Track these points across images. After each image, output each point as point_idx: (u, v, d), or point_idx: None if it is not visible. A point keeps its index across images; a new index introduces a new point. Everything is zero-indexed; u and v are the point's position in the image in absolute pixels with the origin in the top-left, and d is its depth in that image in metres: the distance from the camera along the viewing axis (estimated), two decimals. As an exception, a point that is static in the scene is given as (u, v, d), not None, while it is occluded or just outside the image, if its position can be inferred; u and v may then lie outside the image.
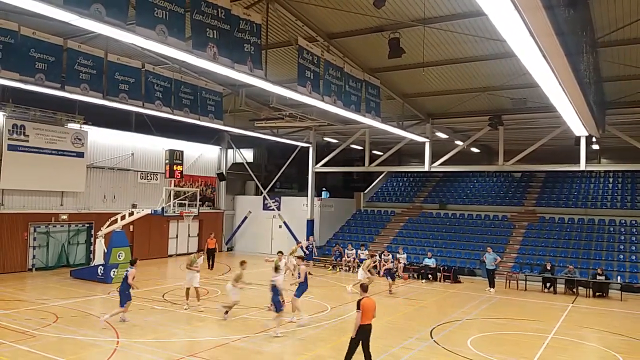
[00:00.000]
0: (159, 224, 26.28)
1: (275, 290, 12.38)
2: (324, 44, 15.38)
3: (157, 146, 26.74)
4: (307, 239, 25.89)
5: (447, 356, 11.07)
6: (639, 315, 16.25)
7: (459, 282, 21.85)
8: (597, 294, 19.21)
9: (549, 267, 20.46)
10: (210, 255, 23.80)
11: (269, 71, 13.22)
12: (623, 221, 24.92)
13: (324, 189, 36.16)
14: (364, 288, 9.64)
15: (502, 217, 27.77)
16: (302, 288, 13.90)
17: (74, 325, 12.59)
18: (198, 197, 23.22)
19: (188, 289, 15.25)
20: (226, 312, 13.68)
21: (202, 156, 30.21)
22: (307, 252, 23.80)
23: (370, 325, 9.28)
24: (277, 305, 12.29)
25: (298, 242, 22.64)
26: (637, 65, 15.62)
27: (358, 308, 9.13)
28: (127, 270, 13.01)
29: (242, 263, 13.99)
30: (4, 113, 19.98)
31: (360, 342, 9.23)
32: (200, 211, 23.79)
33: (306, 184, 29.22)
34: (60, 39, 13.28)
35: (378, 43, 15.59)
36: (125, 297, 12.76)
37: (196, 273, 15.21)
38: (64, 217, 22.39)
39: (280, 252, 16.48)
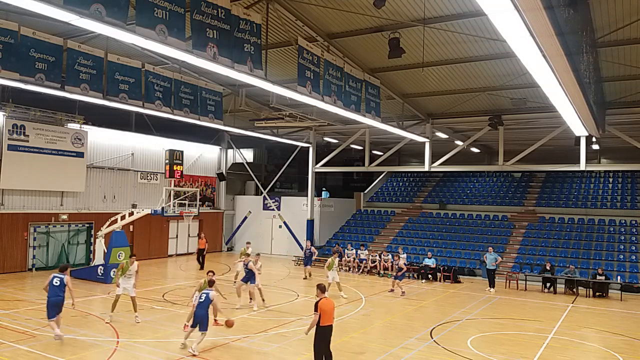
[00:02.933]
0: (159, 224, 26.30)
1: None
2: (324, 44, 15.38)
3: (157, 146, 26.74)
4: (306, 244, 24.80)
5: (447, 356, 11.07)
6: (639, 315, 16.24)
7: (459, 282, 21.84)
8: (597, 294, 19.20)
9: (548, 267, 20.45)
10: (200, 255, 23.49)
11: (269, 71, 13.23)
12: (623, 221, 24.91)
13: (324, 189, 36.19)
14: (321, 289, 9.31)
15: (502, 217, 27.78)
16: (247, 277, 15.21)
17: (74, 325, 12.59)
18: (198, 197, 23.24)
19: (118, 297, 13.37)
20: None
21: (202, 156, 30.20)
22: (305, 256, 22.66)
23: (331, 326, 9.12)
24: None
25: (248, 243, 20.62)
26: (637, 65, 15.62)
27: (315, 310, 8.92)
28: (58, 277, 11.42)
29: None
30: (4, 113, 19.98)
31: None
32: (200, 211, 23.80)
33: (306, 184, 29.22)
34: (60, 39, 13.28)
35: (378, 43, 15.60)
36: (58, 307, 11.19)
37: (131, 281, 13.52)
38: (64, 217, 22.38)
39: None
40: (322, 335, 9.01)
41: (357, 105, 15.68)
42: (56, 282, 11.34)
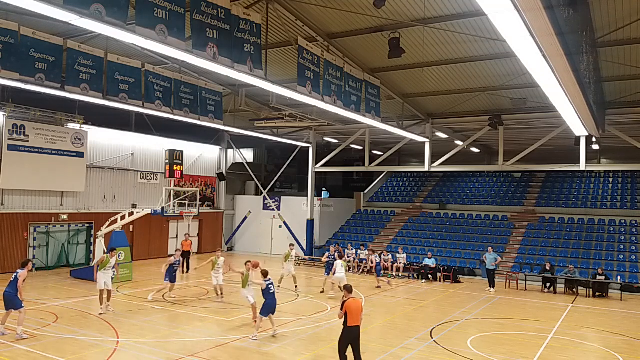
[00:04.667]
0: (159, 224, 26.30)
1: None
2: (324, 44, 15.38)
3: (157, 146, 26.74)
4: (329, 250, 20.78)
5: (447, 356, 11.07)
6: (639, 315, 16.24)
7: (459, 282, 21.83)
8: (597, 294, 19.19)
9: (548, 267, 20.45)
10: (185, 258, 21.46)
11: (269, 71, 13.23)
12: (623, 221, 24.91)
13: (324, 189, 36.18)
14: (348, 289, 9.51)
15: (502, 217, 27.77)
16: None
17: (74, 325, 12.59)
18: (198, 197, 23.20)
19: (102, 291, 13.92)
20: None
21: (202, 156, 30.20)
22: (329, 263, 19.25)
23: (358, 327, 9.16)
24: None
25: (291, 245, 19.79)
26: (637, 65, 15.62)
27: (342, 309, 9.15)
28: (16, 272, 11.60)
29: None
30: (4, 113, 19.98)
31: (350, 345, 9.14)
32: (200, 211, 23.76)
33: (306, 184, 29.22)
34: (60, 39, 13.28)
35: (378, 43, 15.60)
36: (15, 301, 11.39)
37: (109, 275, 14.10)
38: (64, 217, 22.38)
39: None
40: (348, 336, 9.13)
41: (357, 105, 15.68)
42: (12, 278, 11.62)
